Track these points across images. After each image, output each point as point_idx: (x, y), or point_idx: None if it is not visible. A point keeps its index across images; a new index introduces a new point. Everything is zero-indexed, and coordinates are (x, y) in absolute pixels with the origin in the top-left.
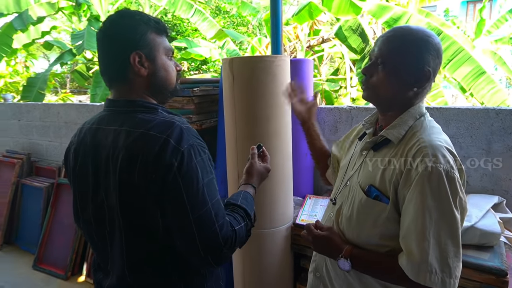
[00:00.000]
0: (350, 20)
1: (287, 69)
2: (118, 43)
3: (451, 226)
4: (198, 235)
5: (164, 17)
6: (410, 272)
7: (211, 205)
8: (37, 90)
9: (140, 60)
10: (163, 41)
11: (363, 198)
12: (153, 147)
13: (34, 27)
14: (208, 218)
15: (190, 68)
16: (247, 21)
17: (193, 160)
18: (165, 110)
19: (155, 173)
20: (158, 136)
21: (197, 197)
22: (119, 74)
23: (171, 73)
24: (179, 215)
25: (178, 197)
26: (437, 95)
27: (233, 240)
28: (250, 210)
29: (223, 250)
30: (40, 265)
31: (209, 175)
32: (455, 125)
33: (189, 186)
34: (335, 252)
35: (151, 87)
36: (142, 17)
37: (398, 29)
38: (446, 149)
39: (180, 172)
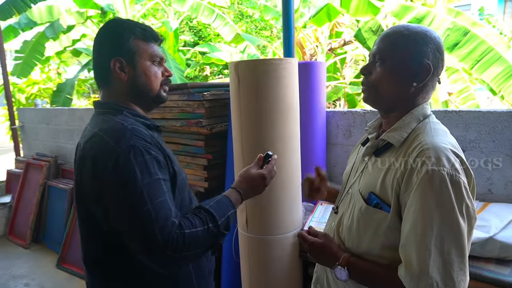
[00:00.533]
0: (370, 21)
1: (294, 73)
2: (101, 49)
3: (456, 235)
4: (137, 235)
5: (189, 23)
6: (408, 284)
7: (151, 206)
8: (65, 95)
9: (121, 65)
10: (149, 47)
11: (363, 206)
12: (96, 148)
13: (65, 36)
14: (147, 218)
15: (212, 72)
16: (270, 25)
17: (130, 161)
18: (131, 113)
19: (94, 173)
20: (103, 137)
21: (134, 198)
22: (102, 79)
23: (152, 79)
24: (118, 215)
25: (115, 197)
26: (468, 98)
27: (181, 243)
28: (220, 215)
29: (165, 252)
30: (63, 264)
31: (152, 176)
32: (475, 129)
33: (125, 186)
34: (332, 261)
35: (131, 92)
36: (129, 25)
37: (396, 27)
38: (451, 152)
39: (116, 172)
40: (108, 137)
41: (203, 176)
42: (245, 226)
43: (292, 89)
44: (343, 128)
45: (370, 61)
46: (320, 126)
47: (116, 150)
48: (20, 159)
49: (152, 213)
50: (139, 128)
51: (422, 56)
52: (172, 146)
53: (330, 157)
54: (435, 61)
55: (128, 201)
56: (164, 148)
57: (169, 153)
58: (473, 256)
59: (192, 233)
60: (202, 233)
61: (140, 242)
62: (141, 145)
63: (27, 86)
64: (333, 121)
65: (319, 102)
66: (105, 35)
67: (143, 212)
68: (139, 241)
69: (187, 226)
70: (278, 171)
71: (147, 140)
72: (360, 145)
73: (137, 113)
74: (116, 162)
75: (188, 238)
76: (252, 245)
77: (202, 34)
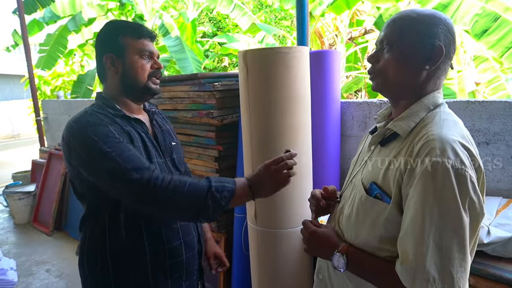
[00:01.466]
0: (391, 8)
1: (304, 61)
2: (97, 48)
3: (457, 230)
4: (114, 180)
5: (209, 14)
6: (404, 278)
7: (115, 154)
8: (86, 86)
9: (112, 61)
10: (138, 43)
11: (363, 196)
12: (64, 130)
13: (87, 28)
14: (115, 162)
15: (231, 63)
16: (290, 15)
17: (86, 132)
18: (104, 103)
19: (64, 150)
20: (69, 120)
21: (98, 154)
22: (100, 75)
23: (139, 71)
24: (93, 175)
25: (80, 159)
26: (498, 88)
27: (167, 181)
28: (216, 180)
29: (149, 182)
30: None
31: (112, 138)
32: (501, 121)
33: (85, 148)
34: (331, 250)
35: (122, 85)
36: (119, 25)
37: (403, 11)
38: (459, 144)
39: (76, 142)
40: (71, 121)
41: (214, 167)
42: (253, 219)
43: (302, 79)
44: (358, 119)
45: (377, 48)
46: (334, 117)
47: (73, 128)
48: (44, 149)
49: (120, 158)
50: (97, 112)
51: (433, 38)
52: (183, 138)
53: (345, 149)
54: (447, 43)
55: (93, 155)
56: (124, 129)
57: (132, 135)
58: (493, 256)
59: (180, 178)
60: (191, 181)
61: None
62: (96, 121)
63: (52, 78)
64: (348, 112)
65: (333, 92)
66: (100, 35)
67: (108, 158)
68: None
69: (175, 177)
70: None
71: (103, 119)
72: (369, 134)
73: (110, 104)
74: (73, 135)
75: (176, 180)
76: (261, 238)
77: (221, 25)
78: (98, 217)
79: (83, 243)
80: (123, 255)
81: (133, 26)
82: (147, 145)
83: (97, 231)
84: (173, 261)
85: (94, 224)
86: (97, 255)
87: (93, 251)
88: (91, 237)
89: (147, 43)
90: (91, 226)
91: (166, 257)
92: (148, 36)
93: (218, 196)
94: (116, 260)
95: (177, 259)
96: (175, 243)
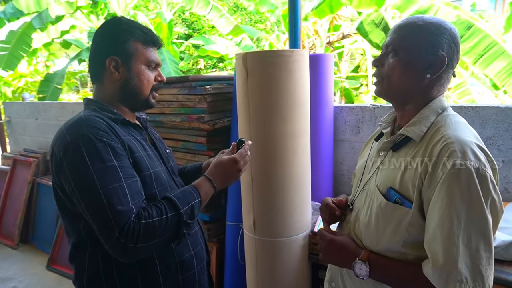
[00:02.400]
0: (373, 14)
1: (305, 65)
2: (100, 46)
3: (483, 230)
4: (93, 222)
5: (182, 15)
6: (437, 281)
7: (102, 192)
8: (54, 85)
9: (116, 65)
10: (147, 51)
11: (382, 202)
12: (55, 139)
13: (53, 27)
14: (98, 205)
15: (207, 66)
16: (265, 18)
17: (80, 149)
18: (99, 107)
19: (53, 163)
20: (61, 128)
21: (84, 184)
22: (96, 74)
23: (145, 83)
24: (76, 201)
25: (69, 184)
26: (464, 93)
27: (136, 233)
28: (183, 203)
29: (119, 240)
30: (53, 265)
31: (106, 162)
32: (493, 126)
33: (75, 173)
34: (351, 257)
35: (122, 93)
36: (130, 26)
37: (411, 17)
38: (475, 145)
39: (66, 160)
40: (64, 129)
41: None
42: (252, 228)
43: (304, 83)
44: (351, 124)
45: (383, 52)
46: (328, 122)
47: (66, 139)
48: (7, 155)
49: (104, 200)
50: (96, 119)
51: (437, 47)
52: (170, 143)
53: (337, 154)
54: (450, 53)
55: (80, 188)
56: (123, 140)
57: (132, 145)
58: (496, 259)
59: (148, 224)
60: (160, 223)
61: (98, 229)
62: (92, 133)
63: (13, 79)
64: (340, 117)
65: (327, 97)
66: (105, 32)
67: (94, 198)
68: (97, 227)
69: (144, 216)
70: (289, 169)
71: (101, 129)
72: (373, 140)
73: (107, 108)
74: (65, 151)
75: (144, 228)
76: (260, 248)
77: (196, 27)
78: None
79: (80, 270)
80: (132, 277)
81: (144, 31)
82: (149, 154)
83: (99, 254)
84: (185, 275)
85: (95, 248)
86: (101, 282)
87: (97, 278)
88: (92, 262)
89: (154, 53)
90: (90, 250)
91: (178, 272)
92: (157, 45)
93: (190, 222)
94: (126, 284)
95: (189, 273)
96: (186, 256)
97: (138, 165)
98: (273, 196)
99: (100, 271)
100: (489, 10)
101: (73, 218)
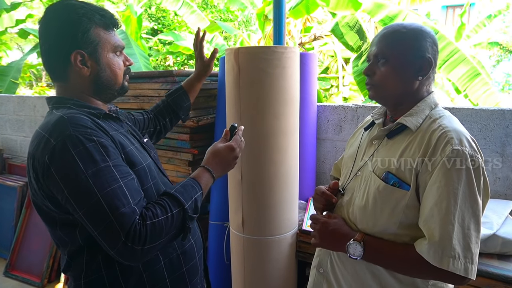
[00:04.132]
0: (348, 16)
1: (296, 62)
2: (58, 40)
3: (474, 211)
4: (93, 228)
5: (148, 10)
6: (432, 257)
7: (100, 196)
8: (10, 79)
9: (83, 59)
10: (110, 37)
11: (380, 185)
12: (33, 145)
13: (8, 15)
14: (99, 210)
15: (176, 62)
16: (235, 16)
17: (69, 152)
18: (77, 104)
19: (35, 171)
20: (39, 132)
21: (80, 190)
22: (59, 73)
23: (117, 72)
24: (72, 210)
25: (60, 192)
26: None
27: (143, 236)
28: (186, 198)
29: (126, 244)
30: (12, 271)
31: (98, 164)
32: (468, 126)
33: (67, 180)
34: (345, 239)
35: (94, 87)
36: (86, 11)
37: (392, 25)
38: (469, 137)
39: (54, 166)
40: (44, 131)
41: (188, 172)
42: (240, 227)
43: (295, 80)
44: (333, 123)
45: (372, 61)
46: (311, 120)
47: (50, 143)
48: None
49: (104, 204)
50: (79, 116)
51: (423, 51)
52: None
53: (319, 152)
54: (433, 54)
55: (75, 195)
56: (112, 135)
57: (121, 140)
58: None
59: (154, 224)
60: (165, 222)
61: (100, 236)
62: (80, 132)
63: None
64: (323, 116)
65: (311, 96)
66: (61, 21)
67: (93, 203)
68: (99, 234)
69: (149, 216)
70: (278, 167)
71: (88, 126)
72: (363, 130)
73: (84, 104)
74: (52, 156)
75: (151, 229)
76: (248, 247)
77: (166, 22)
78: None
79: (79, 278)
80: (138, 277)
81: (101, 13)
82: (137, 146)
83: (100, 258)
84: (189, 266)
85: (94, 253)
86: (105, 283)
87: (100, 282)
88: (92, 268)
89: (117, 36)
90: (88, 256)
91: (181, 264)
92: (117, 26)
93: (194, 215)
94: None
95: (191, 263)
96: (187, 246)
97: (131, 159)
98: (263, 194)
99: (102, 275)
100: (441, 20)
101: (65, 227)
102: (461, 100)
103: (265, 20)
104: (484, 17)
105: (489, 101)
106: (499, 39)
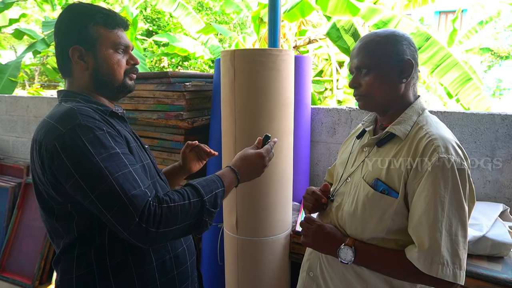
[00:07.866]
0: (343, 20)
1: (291, 65)
2: (60, 37)
3: (461, 217)
4: (106, 211)
5: (144, 12)
6: (422, 264)
7: (112, 179)
8: (8, 77)
9: (80, 54)
10: (112, 34)
11: (369, 192)
12: (41, 133)
13: (1, 14)
14: (111, 193)
15: (171, 64)
16: (230, 18)
17: (79, 138)
18: (85, 99)
19: (41, 158)
20: (47, 121)
21: (92, 174)
22: (64, 68)
23: (116, 68)
24: (82, 196)
25: (70, 178)
26: None
27: (158, 217)
28: (206, 191)
29: (140, 225)
30: (3, 273)
31: (108, 150)
32: (459, 130)
33: (79, 164)
34: (337, 244)
35: (95, 82)
36: (89, 10)
37: (366, 36)
38: (455, 144)
39: (65, 152)
40: (52, 120)
41: None
42: (234, 228)
43: (290, 83)
44: (327, 125)
45: (355, 73)
46: (305, 123)
47: (60, 131)
48: None
49: (117, 187)
50: (88, 109)
51: (401, 54)
52: (145, 141)
53: (313, 155)
54: (412, 54)
55: (87, 179)
56: (119, 130)
57: (127, 136)
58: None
59: (170, 208)
60: (182, 208)
61: (113, 218)
62: (89, 122)
63: None
64: (317, 118)
65: (305, 98)
66: (63, 21)
67: (105, 186)
68: (112, 217)
69: (166, 200)
70: (273, 168)
71: (96, 118)
72: (355, 137)
73: (92, 100)
74: (62, 142)
75: (166, 213)
76: (242, 248)
77: (161, 24)
78: (94, 237)
79: (68, 268)
80: (128, 275)
81: (105, 13)
82: (138, 145)
83: (92, 252)
84: (180, 270)
85: (86, 246)
86: (94, 281)
87: (89, 277)
88: (82, 262)
89: (121, 35)
90: (80, 250)
91: (173, 267)
92: (122, 26)
93: (213, 210)
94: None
95: (182, 267)
96: (179, 250)
97: (133, 155)
98: (257, 195)
99: (93, 269)
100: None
101: (63, 219)
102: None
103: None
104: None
105: (480, 106)
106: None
